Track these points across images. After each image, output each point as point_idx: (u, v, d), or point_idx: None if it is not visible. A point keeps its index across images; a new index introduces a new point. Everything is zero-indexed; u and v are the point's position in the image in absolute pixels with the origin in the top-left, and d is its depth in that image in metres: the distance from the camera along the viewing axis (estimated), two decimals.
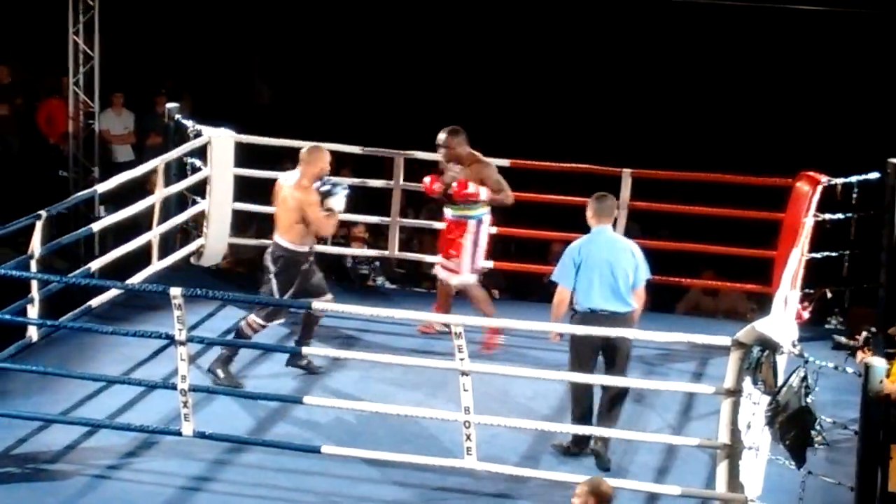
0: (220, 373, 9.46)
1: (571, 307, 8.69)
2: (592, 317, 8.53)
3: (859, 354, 8.44)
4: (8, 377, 9.32)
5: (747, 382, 7.63)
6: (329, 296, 9.63)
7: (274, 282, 9.50)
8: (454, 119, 10.49)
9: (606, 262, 8.61)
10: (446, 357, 8.31)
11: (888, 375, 7.60)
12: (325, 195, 9.58)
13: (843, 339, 8.71)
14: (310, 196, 9.50)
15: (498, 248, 12.39)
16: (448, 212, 10.37)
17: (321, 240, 13.23)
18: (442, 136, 10.24)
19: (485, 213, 10.31)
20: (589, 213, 8.80)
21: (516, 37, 17.30)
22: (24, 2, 16.64)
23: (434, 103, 16.91)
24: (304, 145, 12.05)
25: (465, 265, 10.26)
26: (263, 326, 9.56)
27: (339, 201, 9.63)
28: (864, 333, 8.62)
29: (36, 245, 9.86)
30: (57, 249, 10.38)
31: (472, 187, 10.16)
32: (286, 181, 9.66)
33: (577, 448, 8.68)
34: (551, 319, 8.69)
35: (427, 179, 10.37)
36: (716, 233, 11.59)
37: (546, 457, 8.71)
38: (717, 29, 16.47)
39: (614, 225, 9.25)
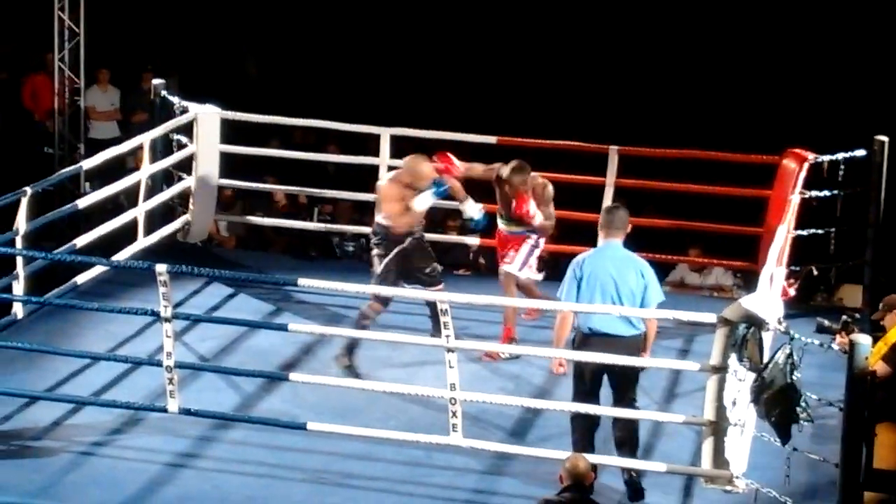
0: (344, 360, 9.43)
1: (574, 326, 8.21)
2: (593, 338, 7.99)
3: (838, 338, 8.42)
4: None
5: (733, 359, 7.63)
6: (440, 285, 9.67)
7: (375, 259, 9.63)
8: (441, 96, 10.42)
9: (611, 279, 7.99)
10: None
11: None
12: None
13: (825, 322, 8.68)
14: (391, 191, 9.60)
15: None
16: (503, 227, 10.08)
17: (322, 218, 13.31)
18: (504, 172, 9.84)
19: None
20: (599, 225, 8.24)
21: (503, 13, 17.24)
22: None
23: (421, 78, 16.89)
24: (291, 122, 12.16)
25: (518, 260, 10.00)
26: (377, 311, 9.53)
27: (422, 201, 9.57)
28: (843, 318, 8.59)
29: (21, 222, 9.84)
30: (42, 226, 10.35)
31: (532, 207, 9.80)
32: (386, 177, 9.88)
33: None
34: (553, 342, 8.33)
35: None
36: (702, 210, 11.58)
37: (532, 433, 8.71)
38: (704, 6, 16.44)
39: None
